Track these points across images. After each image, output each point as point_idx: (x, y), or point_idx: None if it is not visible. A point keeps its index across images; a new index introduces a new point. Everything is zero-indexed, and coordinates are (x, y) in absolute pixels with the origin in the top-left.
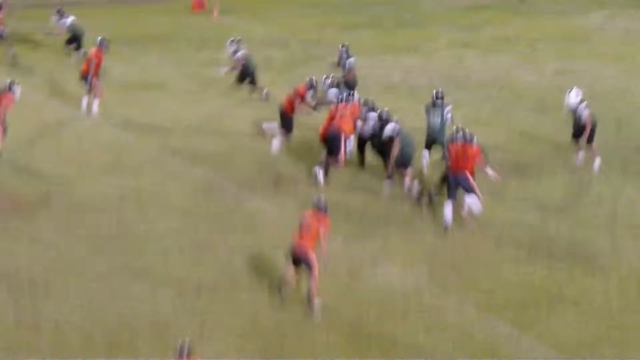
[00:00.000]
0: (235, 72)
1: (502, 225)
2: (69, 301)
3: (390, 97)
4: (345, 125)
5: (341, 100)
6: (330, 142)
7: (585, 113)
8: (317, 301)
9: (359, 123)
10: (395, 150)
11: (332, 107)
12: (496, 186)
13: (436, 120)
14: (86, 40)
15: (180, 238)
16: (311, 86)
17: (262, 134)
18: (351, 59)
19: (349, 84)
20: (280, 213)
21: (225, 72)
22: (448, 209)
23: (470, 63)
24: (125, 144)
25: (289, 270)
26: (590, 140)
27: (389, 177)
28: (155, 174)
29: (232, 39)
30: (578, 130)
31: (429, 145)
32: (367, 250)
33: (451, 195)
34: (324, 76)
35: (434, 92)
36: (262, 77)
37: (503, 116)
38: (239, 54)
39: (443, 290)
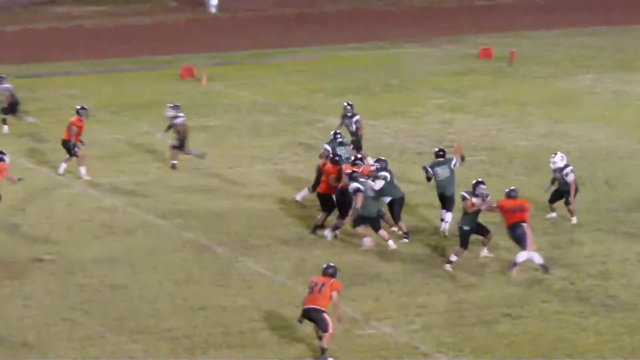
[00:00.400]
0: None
1: (494, 283)
2: None
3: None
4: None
5: (348, 160)
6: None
7: (570, 176)
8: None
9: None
10: (356, 204)
11: (328, 164)
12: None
13: (445, 172)
14: (69, 107)
15: (174, 299)
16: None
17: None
18: (357, 116)
19: (359, 142)
20: (274, 274)
21: (159, 137)
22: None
23: (459, 126)
24: (116, 207)
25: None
26: (569, 201)
27: (335, 227)
28: (146, 237)
29: (171, 104)
30: (561, 192)
31: (443, 202)
32: (360, 308)
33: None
34: (333, 132)
35: (436, 149)
36: (252, 142)
37: (493, 178)
38: (179, 120)
39: (437, 347)
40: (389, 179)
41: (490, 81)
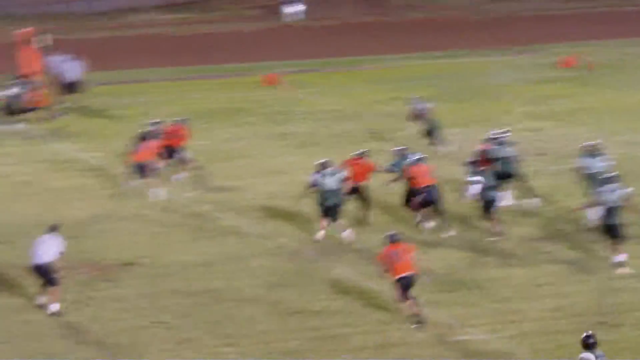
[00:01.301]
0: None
1: (589, 291)
2: None
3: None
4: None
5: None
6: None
7: None
8: None
9: None
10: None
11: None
12: None
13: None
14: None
15: (267, 303)
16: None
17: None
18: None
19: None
20: (367, 279)
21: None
22: None
23: (547, 135)
24: (209, 212)
25: (411, 302)
26: None
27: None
28: (239, 241)
29: (152, 120)
30: None
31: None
32: (454, 313)
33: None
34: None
35: None
36: (333, 150)
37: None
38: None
39: (532, 354)
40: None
41: (572, 90)
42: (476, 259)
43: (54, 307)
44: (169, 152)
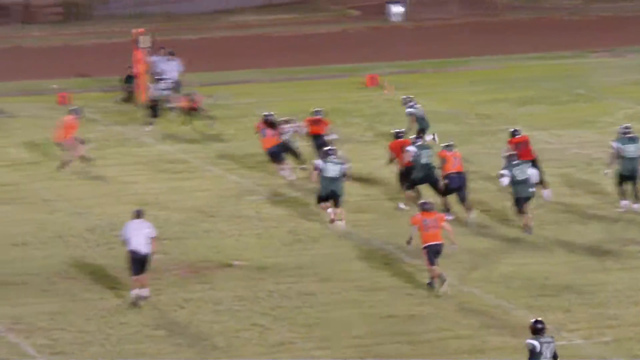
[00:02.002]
0: None
1: None
2: None
3: (567, 170)
4: None
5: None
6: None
7: None
8: None
9: None
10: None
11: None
12: None
13: (631, 150)
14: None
15: (361, 307)
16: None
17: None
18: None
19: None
20: (461, 283)
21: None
22: None
23: None
24: (303, 215)
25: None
26: None
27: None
28: (333, 244)
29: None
30: None
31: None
32: (550, 318)
33: None
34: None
35: (622, 126)
36: (436, 151)
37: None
38: None
39: None
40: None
41: None
42: (575, 263)
43: (145, 292)
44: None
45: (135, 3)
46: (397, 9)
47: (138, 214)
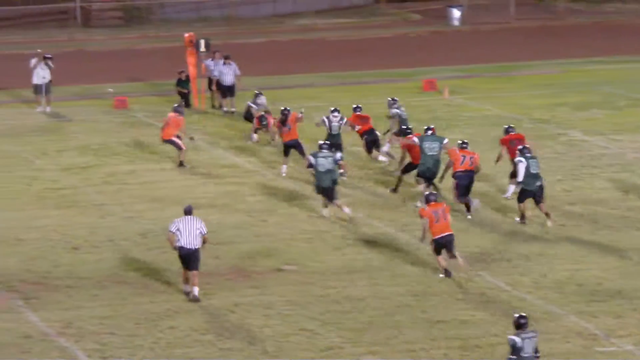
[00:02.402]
0: None
1: None
2: None
3: (624, 175)
4: None
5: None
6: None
7: None
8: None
9: None
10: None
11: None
12: None
13: None
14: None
15: (412, 312)
16: None
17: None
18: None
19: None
20: (513, 289)
21: None
22: None
23: None
24: (355, 219)
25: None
26: None
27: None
28: (385, 249)
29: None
30: None
31: None
32: (601, 324)
33: None
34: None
35: None
36: (493, 156)
37: None
38: None
39: None
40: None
41: None
42: (628, 268)
43: (195, 290)
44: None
45: (195, 7)
46: (458, 13)
47: (188, 210)
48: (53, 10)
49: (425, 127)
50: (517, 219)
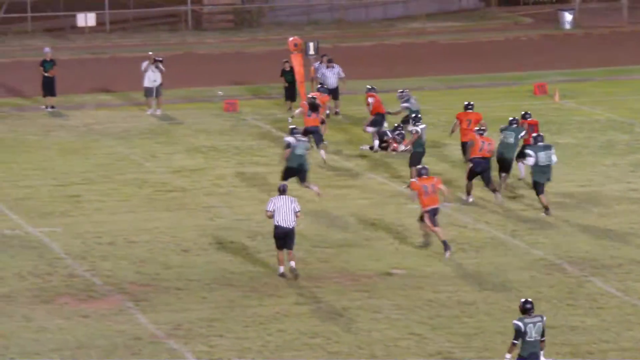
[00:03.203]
0: None
1: None
2: None
3: None
4: None
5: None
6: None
7: None
8: None
9: None
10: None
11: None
12: None
13: None
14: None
15: None
16: None
17: None
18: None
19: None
20: (625, 295)
21: None
22: None
23: None
24: (465, 224)
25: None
26: None
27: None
28: (495, 254)
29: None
30: None
31: None
32: None
33: None
34: None
35: None
36: (604, 160)
37: None
38: None
39: None
40: None
41: None
42: None
43: (293, 264)
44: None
45: (306, 11)
46: (569, 16)
47: (283, 190)
48: (164, 13)
49: (510, 119)
50: (543, 214)
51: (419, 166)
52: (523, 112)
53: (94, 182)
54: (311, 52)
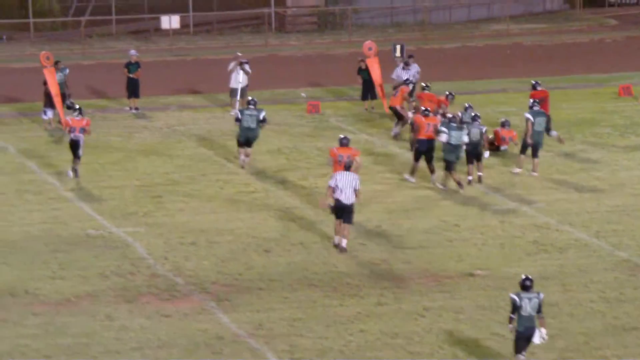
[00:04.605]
0: None
1: None
2: None
3: None
4: None
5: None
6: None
7: None
8: None
9: None
10: None
11: None
12: None
13: None
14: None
15: (604, 318)
16: None
17: None
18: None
19: None
20: None
21: None
22: None
23: None
24: (549, 225)
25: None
26: None
27: None
28: (578, 255)
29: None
30: None
31: None
32: None
33: None
34: None
35: None
36: None
37: None
38: None
39: None
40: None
41: None
42: None
43: (344, 243)
44: None
45: (389, 13)
46: None
47: (348, 166)
48: (247, 15)
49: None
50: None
51: (341, 135)
52: (533, 82)
53: (177, 183)
54: (397, 54)
